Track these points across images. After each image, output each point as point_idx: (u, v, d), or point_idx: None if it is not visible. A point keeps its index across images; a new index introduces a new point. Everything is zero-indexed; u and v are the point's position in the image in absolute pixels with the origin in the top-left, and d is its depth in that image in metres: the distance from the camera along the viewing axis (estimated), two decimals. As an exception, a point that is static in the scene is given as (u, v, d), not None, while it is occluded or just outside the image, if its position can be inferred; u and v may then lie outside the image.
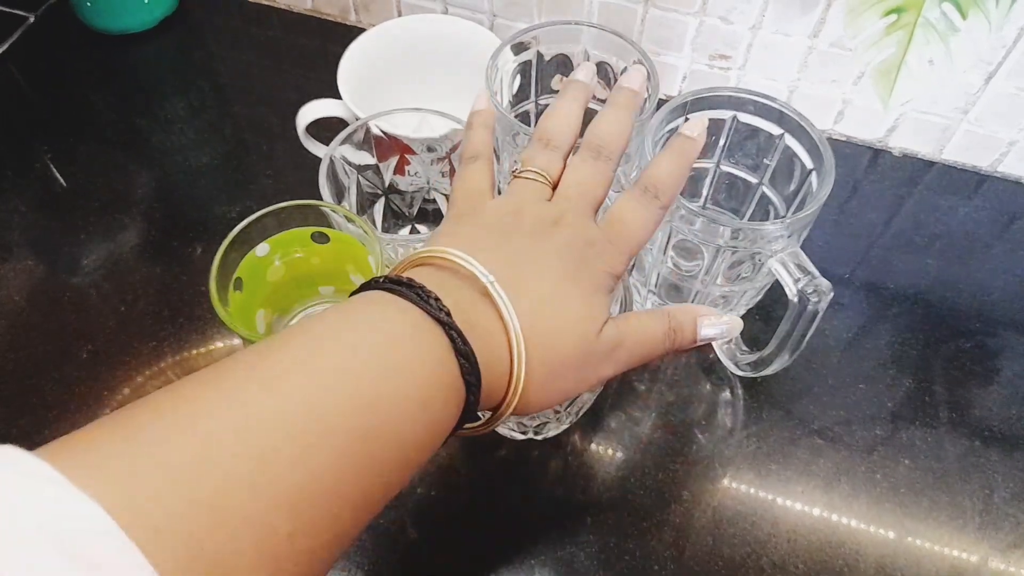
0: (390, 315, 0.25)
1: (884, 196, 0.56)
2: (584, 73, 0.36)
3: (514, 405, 0.28)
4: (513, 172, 0.33)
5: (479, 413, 0.28)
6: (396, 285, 0.26)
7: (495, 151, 0.42)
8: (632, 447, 0.44)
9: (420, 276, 0.27)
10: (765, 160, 0.43)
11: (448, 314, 0.25)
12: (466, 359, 0.25)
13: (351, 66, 0.49)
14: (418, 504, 0.41)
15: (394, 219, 0.48)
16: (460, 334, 0.25)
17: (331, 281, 0.41)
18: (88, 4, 0.61)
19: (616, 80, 0.46)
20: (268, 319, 0.40)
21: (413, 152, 0.44)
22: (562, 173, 0.33)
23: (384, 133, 0.43)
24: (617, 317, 0.31)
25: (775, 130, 0.42)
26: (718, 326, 0.32)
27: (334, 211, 0.39)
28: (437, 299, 0.25)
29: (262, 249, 0.39)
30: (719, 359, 0.47)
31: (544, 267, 0.29)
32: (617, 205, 0.32)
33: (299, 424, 0.21)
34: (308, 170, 0.50)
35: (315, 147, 0.51)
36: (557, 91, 0.48)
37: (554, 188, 0.32)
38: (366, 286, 0.27)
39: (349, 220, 0.38)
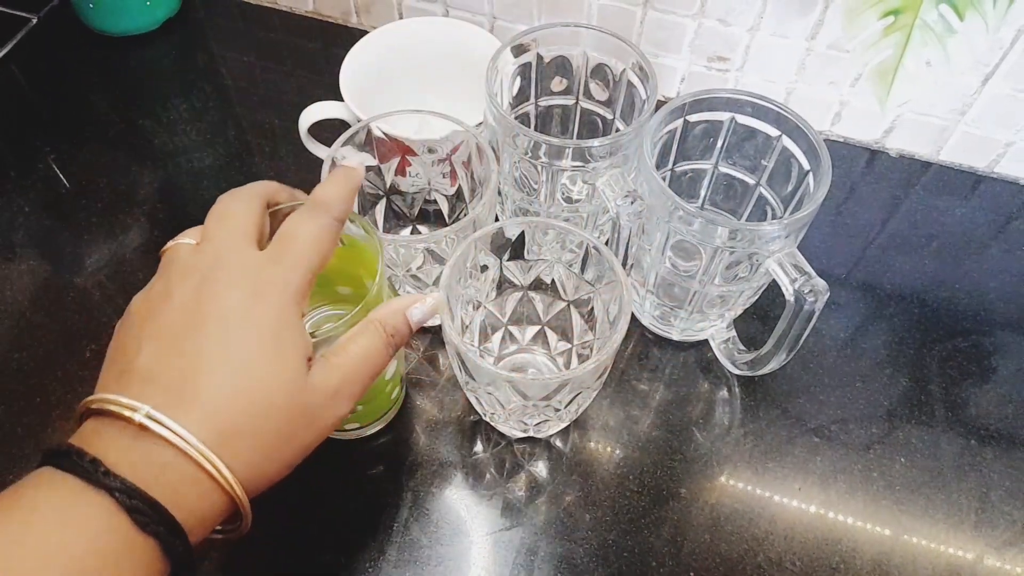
0: (45, 494, 0.24)
1: (881, 197, 0.56)
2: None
3: (246, 504, 0.27)
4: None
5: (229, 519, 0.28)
6: (54, 456, 0.25)
7: (494, 150, 0.42)
8: (631, 445, 0.44)
9: (86, 431, 0.26)
10: (763, 161, 0.44)
11: (107, 473, 0.24)
12: (142, 512, 0.24)
13: (353, 68, 0.49)
14: (417, 501, 0.41)
15: (395, 220, 0.49)
16: (126, 490, 0.24)
17: (348, 282, 0.41)
18: (90, 6, 0.61)
19: (615, 82, 0.46)
20: None
21: (414, 153, 0.45)
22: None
23: (385, 135, 0.43)
24: (328, 353, 0.30)
25: (773, 131, 0.42)
26: (424, 308, 0.33)
27: None
28: (93, 460, 0.24)
29: None
30: (717, 358, 0.47)
31: (212, 342, 0.27)
32: (287, 221, 0.31)
33: None
34: (310, 171, 0.50)
35: (317, 148, 0.51)
36: (556, 92, 0.49)
37: None
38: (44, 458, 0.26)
39: (351, 221, 0.38)
